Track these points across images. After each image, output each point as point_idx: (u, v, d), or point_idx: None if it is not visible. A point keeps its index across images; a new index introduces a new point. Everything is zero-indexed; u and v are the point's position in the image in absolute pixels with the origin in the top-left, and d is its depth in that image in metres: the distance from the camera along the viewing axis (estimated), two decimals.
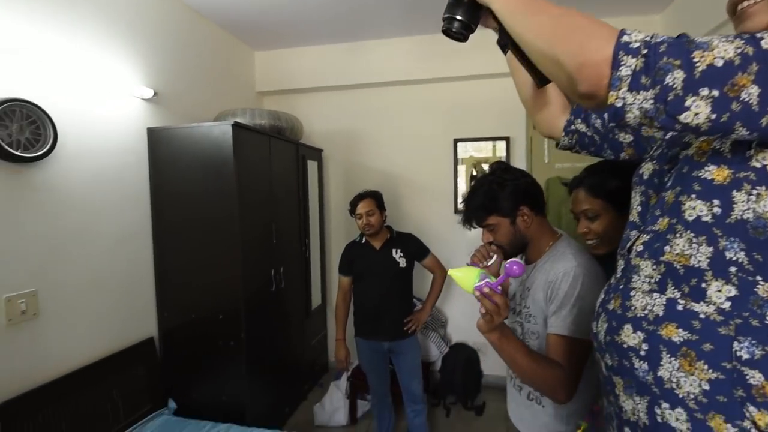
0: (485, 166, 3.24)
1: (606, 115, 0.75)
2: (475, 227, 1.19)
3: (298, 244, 3.03)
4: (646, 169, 0.81)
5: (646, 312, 0.68)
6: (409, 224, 3.18)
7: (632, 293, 0.71)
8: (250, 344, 2.33)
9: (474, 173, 3.25)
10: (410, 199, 3.42)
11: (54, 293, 1.78)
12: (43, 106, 1.70)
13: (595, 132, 0.95)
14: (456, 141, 3.29)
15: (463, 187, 3.30)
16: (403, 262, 2.25)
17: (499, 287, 0.92)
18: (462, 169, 3.30)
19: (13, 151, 1.59)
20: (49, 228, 1.77)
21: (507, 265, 0.93)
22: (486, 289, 0.90)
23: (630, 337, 0.69)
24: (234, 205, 2.22)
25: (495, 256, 1.15)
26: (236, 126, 2.22)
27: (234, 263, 2.26)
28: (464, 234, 3.29)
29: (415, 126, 3.40)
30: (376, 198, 2.27)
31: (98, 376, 1.92)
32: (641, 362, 0.67)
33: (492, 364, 3.32)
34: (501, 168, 1.17)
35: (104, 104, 2.04)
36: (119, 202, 2.12)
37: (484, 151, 3.27)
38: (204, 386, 2.36)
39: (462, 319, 3.35)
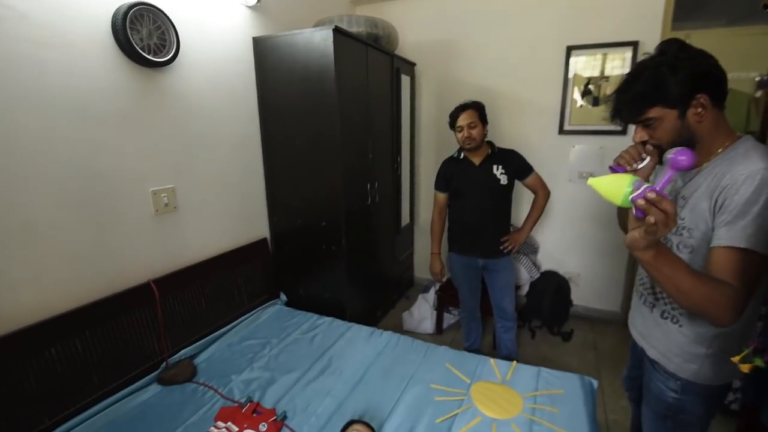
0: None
1: None
2: (622, 125, 1.02)
3: (390, 162, 3.04)
4: None
5: None
6: (506, 144, 2.98)
7: None
8: (350, 251, 2.48)
9: (588, 87, 2.85)
10: (509, 117, 3.15)
11: (188, 190, 2.02)
12: (166, 12, 1.77)
13: None
14: (569, 49, 2.87)
15: (575, 99, 2.93)
16: (504, 179, 2.13)
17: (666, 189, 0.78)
18: (572, 81, 2.90)
19: (146, 55, 1.72)
20: (180, 131, 1.95)
21: (672, 157, 0.79)
22: (651, 195, 0.73)
23: None
24: (335, 118, 2.24)
25: (647, 159, 0.95)
26: (336, 31, 2.15)
27: (336, 176, 2.34)
28: (567, 156, 3.01)
29: (519, 32, 3.01)
30: (478, 109, 2.11)
31: (225, 265, 2.21)
32: None
33: (583, 296, 3.20)
34: (675, 46, 0.93)
35: (215, 12, 2.09)
36: (232, 110, 2.25)
37: (600, 61, 2.81)
38: (310, 284, 2.61)
39: (554, 248, 3.20)
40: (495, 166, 2.14)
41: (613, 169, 0.98)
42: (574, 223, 3.10)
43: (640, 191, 0.75)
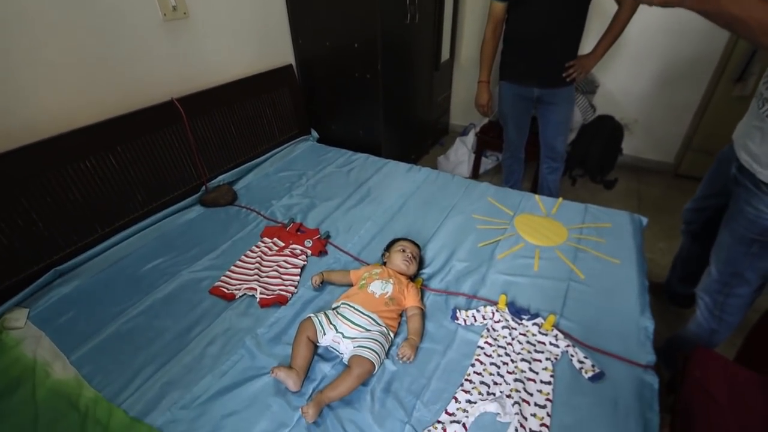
0: None
1: None
2: None
3: None
4: None
5: None
6: None
7: None
8: (385, 80, 2.22)
9: None
10: None
11: None
12: None
13: None
14: None
15: None
16: None
17: None
18: None
19: None
20: None
21: None
22: None
23: None
24: None
25: None
26: None
27: None
28: None
29: None
30: None
31: (250, 92, 2.02)
32: None
33: (635, 144, 2.95)
34: None
35: None
36: None
37: None
38: (342, 120, 2.45)
39: (615, 89, 2.82)
40: None
41: None
42: (645, 59, 2.65)
43: None
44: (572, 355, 1.07)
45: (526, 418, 0.92)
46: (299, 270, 1.39)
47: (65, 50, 1.38)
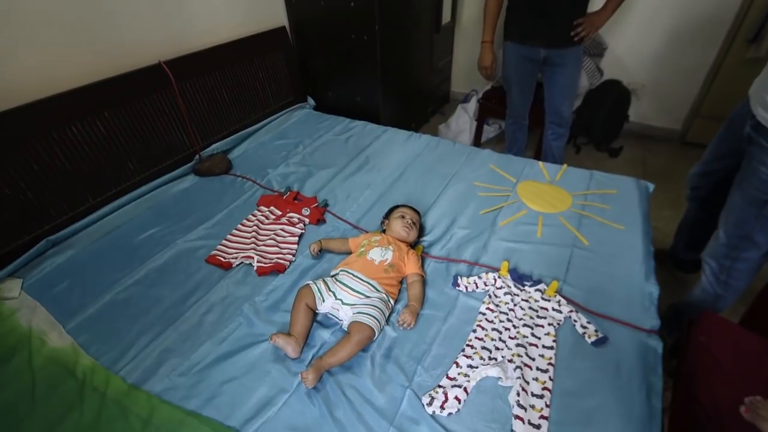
0: None
1: None
2: None
3: None
4: None
5: None
6: None
7: None
8: (383, 42, 2.12)
9: None
10: None
11: None
12: None
13: None
14: None
15: None
16: None
17: None
18: None
19: None
20: None
21: None
22: None
23: None
24: None
25: None
26: None
27: None
28: None
29: None
30: None
31: (243, 54, 1.93)
32: None
33: (642, 111, 2.86)
34: None
35: None
36: None
37: None
38: (339, 86, 2.36)
39: (624, 52, 2.70)
40: None
41: None
42: (655, 18, 2.53)
43: None
44: (575, 321, 1.05)
45: (527, 382, 0.91)
46: (297, 238, 1.36)
47: (46, 8, 1.30)
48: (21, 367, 0.99)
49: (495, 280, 1.17)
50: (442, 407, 0.87)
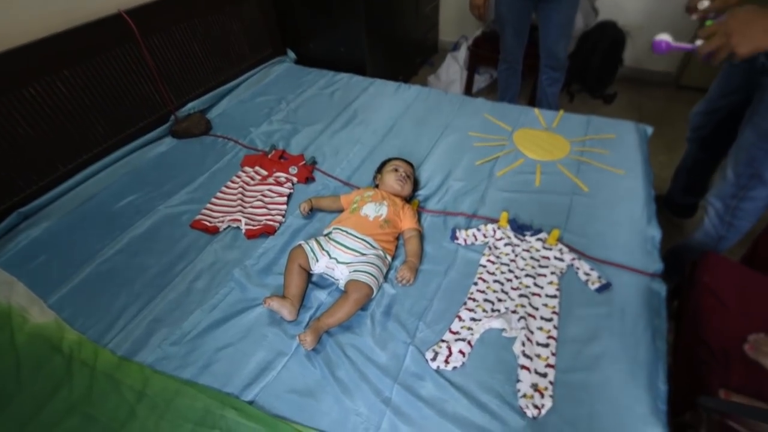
0: None
1: None
2: None
3: None
4: None
5: None
6: None
7: None
8: None
9: None
10: None
11: None
12: None
13: None
14: None
15: None
16: None
17: None
18: None
19: None
20: None
21: None
22: None
23: None
24: None
25: None
26: None
27: None
28: None
29: None
30: None
31: (213, 2, 1.75)
32: None
33: (637, 54, 2.75)
34: None
35: None
36: None
37: None
38: (321, 37, 2.20)
39: None
40: None
41: None
42: None
43: None
44: (578, 268, 1.02)
45: (532, 332, 0.89)
46: (285, 198, 1.29)
47: None
48: (3, 346, 0.94)
49: (494, 231, 1.13)
50: (446, 362, 0.85)
